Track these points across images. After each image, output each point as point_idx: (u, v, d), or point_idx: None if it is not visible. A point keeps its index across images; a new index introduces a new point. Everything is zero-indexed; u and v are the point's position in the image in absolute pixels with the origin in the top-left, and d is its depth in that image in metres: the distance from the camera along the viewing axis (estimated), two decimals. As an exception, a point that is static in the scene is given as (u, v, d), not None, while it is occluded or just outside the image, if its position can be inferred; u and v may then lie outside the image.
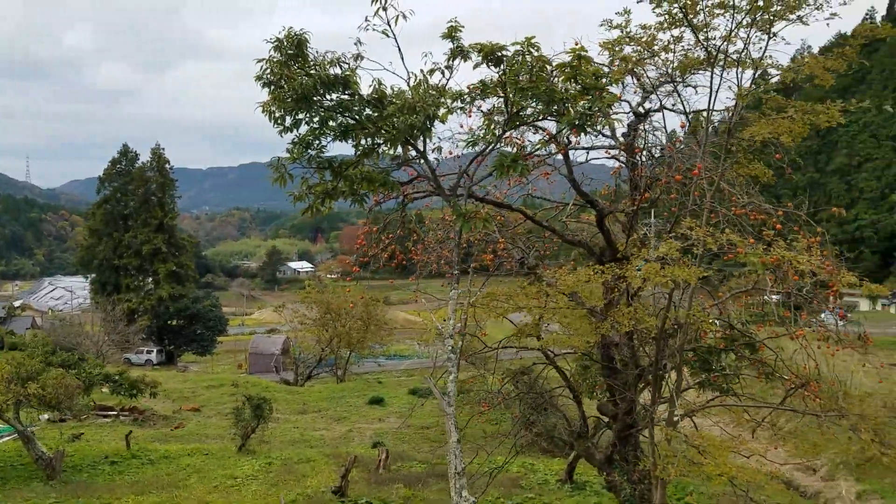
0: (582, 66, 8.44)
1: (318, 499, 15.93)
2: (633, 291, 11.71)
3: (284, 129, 10.23)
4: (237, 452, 21.59)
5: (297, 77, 9.58)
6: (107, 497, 15.64)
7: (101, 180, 68.37)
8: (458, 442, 8.89)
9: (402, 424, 30.80)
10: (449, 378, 9.13)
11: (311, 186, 10.72)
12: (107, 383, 19.86)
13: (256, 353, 53.77)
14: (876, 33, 9.87)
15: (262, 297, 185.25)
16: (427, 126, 9.75)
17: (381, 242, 14.04)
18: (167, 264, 65.30)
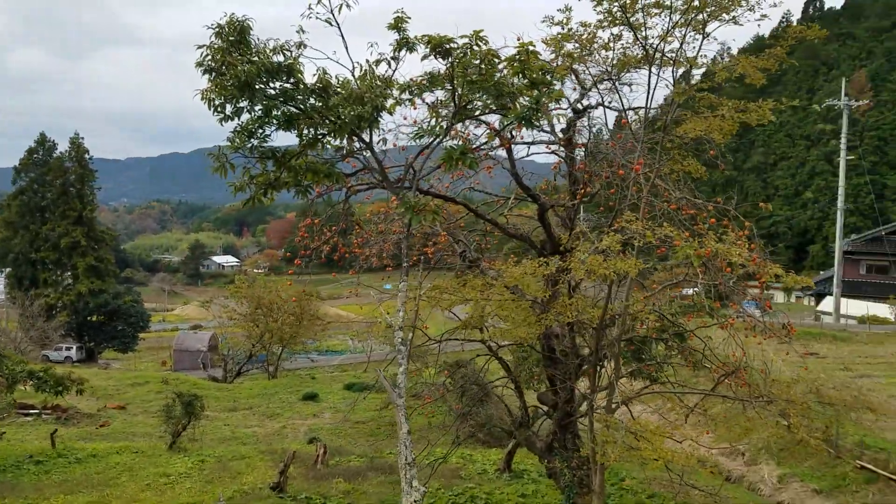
0: (530, 60, 8.60)
1: (255, 495, 15.69)
2: (575, 284, 12.04)
3: (225, 118, 10.04)
4: (168, 450, 21.00)
5: (239, 64, 9.41)
6: (34, 497, 14.98)
7: (17, 171, 65.06)
8: (408, 433, 8.96)
9: (341, 419, 30.64)
10: (399, 370, 9.17)
11: (253, 177, 10.56)
12: (31, 380, 18.97)
13: (181, 350, 52.27)
14: (806, 34, 10.41)
15: (184, 293, 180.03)
16: (375, 117, 9.75)
17: (322, 235, 13.96)
18: (86, 258, 62.73)
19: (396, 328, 9.35)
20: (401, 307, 9.50)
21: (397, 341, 9.31)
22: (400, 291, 9.61)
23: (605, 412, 11.70)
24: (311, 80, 9.98)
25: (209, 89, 9.72)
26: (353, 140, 11.13)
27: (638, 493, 16.23)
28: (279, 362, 42.43)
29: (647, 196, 11.09)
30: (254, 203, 10.92)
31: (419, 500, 8.61)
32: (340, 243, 13.96)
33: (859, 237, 63.17)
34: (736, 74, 10.78)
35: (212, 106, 9.83)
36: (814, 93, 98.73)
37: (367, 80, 9.78)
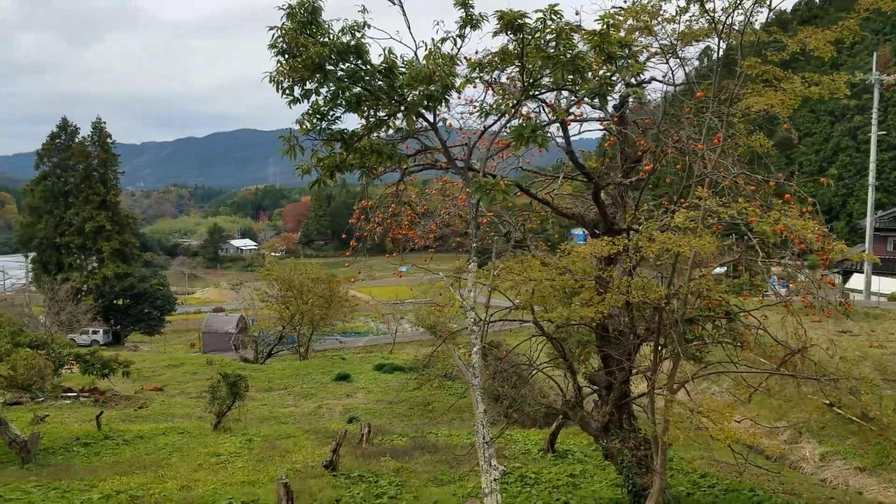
0: (609, 33, 8.44)
1: (309, 473, 15.81)
2: (636, 263, 11.92)
3: (293, 101, 10.00)
4: (213, 430, 21.23)
5: (312, 46, 9.34)
6: (90, 479, 15.17)
7: (40, 156, 65.47)
8: (484, 412, 8.94)
9: (376, 400, 30.84)
10: (472, 350, 9.14)
11: (320, 159, 10.53)
12: (77, 363, 19.18)
13: (210, 332, 52.76)
14: (880, 4, 10.17)
15: (204, 276, 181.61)
16: (444, 96, 9.66)
17: (375, 217, 13.91)
18: (111, 242, 63.26)
19: (469, 308, 9.31)
20: (472, 288, 9.45)
21: (469, 322, 9.27)
22: (469, 272, 9.55)
23: (666, 391, 11.64)
24: (376, 60, 9.92)
25: (279, 71, 9.68)
26: (415, 121, 11.09)
27: (689, 473, 16.20)
28: (309, 343, 42.76)
29: (711, 172, 10.92)
30: (319, 185, 10.90)
31: (498, 478, 8.62)
32: (393, 226, 13.92)
33: (886, 213, 62.27)
34: (811, 47, 10.54)
35: (279, 88, 9.78)
36: (837, 68, 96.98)
37: (434, 59, 9.68)
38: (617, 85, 9.07)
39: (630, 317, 12.46)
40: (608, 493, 14.64)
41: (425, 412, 29.23)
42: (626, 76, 9.04)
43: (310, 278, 39.93)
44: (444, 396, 31.01)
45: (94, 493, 14.12)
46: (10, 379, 16.49)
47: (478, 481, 15.77)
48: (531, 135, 9.27)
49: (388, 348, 50.82)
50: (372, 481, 15.47)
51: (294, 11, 9.48)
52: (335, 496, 14.35)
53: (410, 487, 15.24)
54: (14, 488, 14.42)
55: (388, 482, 15.45)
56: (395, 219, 13.69)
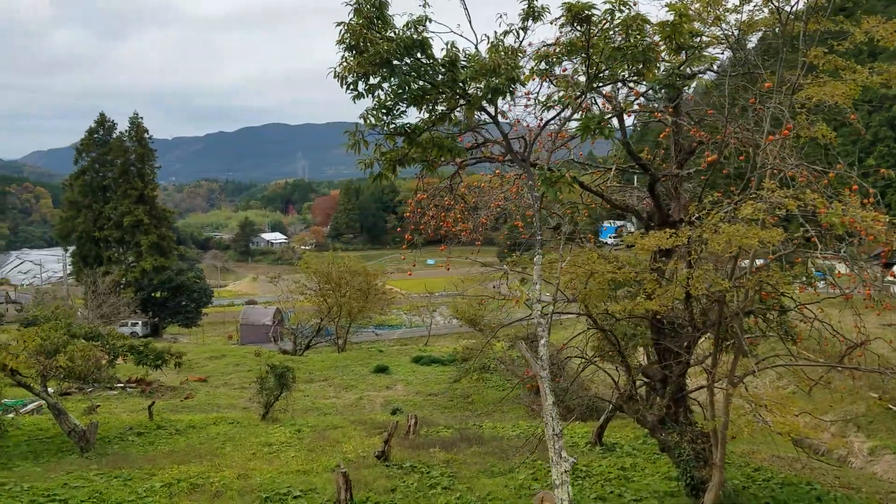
0: (682, 24, 8.40)
1: (361, 463, 16.02)
2: (697, 256, 11.84)
3: (358, 96, 10.11)
4: (262, 421, 21.57)
5: (380, 41, 9.43)
6: (149, 468, 15.53)
7: (79, 151, 66.74)
8: (553, 404, 8.99)
9: (415, 392, 31.03)
10: (540, 342, 9.17)
11: (383, 153, 10.64)
12: (131, 354, 19.62)
13: (247, 324, 53.51)
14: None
15: (235, 269, 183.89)
16: (510, 88, 9.69)
17: (429, 210, 13.98)
18: (149, 236, 64.34)
19: (535, 301, 9.35)
20: (536, 280, 9.50)
21: (536, 314, 9.32)
22: (535, 265, 9.59)
23: (728, 384, 11.56)
24: (438, 54, 9.97)
25: (344, 67, 9.79)
26: (475, 114, 11.15)
27: (742, 466, 16.09)
28: (347, 335, 43.13)
29: (774, 164, 10.80)
30: (381, 180, 11.01)
31: (568, 469, 8.66)
32: (446, 219, 13.97)
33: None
34: (878, 37, 10.35)
35: (344, 84, 9.91)
36: (875, 56, 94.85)
37: (497, 52, 9.72)
38: (687, 76, 8.99)
39: (689, 310, 12.39)
40: (662, 486, 14.61)
41: (466, 404, 29.35)
42: (696, 66, 8.95)
43: (348, 271, 40.31)
44: (483, 389, 31.13)
45: (154, 481, 14.46)
46: (68, 370, 16.89)
47: (528, 474, 15.88)
48: (597, 126, 9.28)
49: (423, 341, 51.09)
50: (424, 472, 15.62)
51: (361, 7, 9.58)
52: (390, 486, 14.52)
53: (462, 478, 15.35)
54: (77, 476, 14.83)
55: (439, 473, 15.58)
56: (448, 212, 13.73)
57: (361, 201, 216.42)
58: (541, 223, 16.53)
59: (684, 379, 13.37)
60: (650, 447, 18.52)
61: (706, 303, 12.55)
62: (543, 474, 15.74)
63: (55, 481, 14.42)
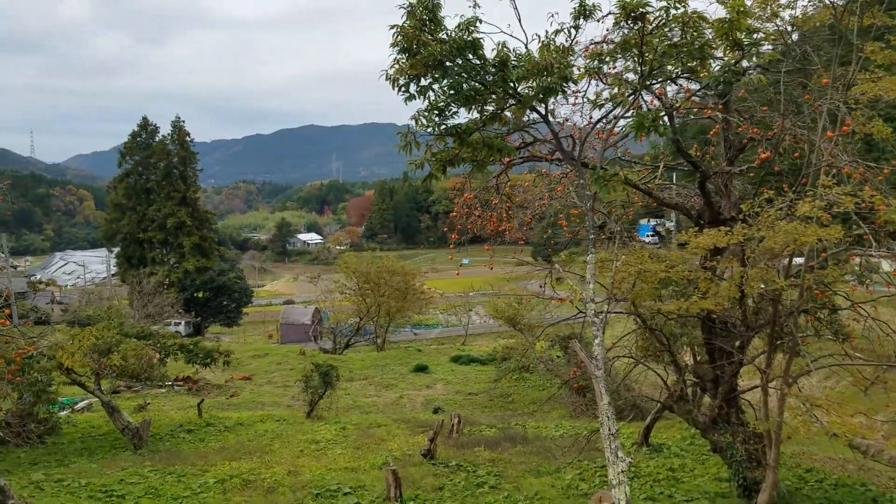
0: (740, 20, 8.31)
1: (408, 461, 16.13)
2: (752, 254, 11.69)
3: (409, 97, 10.21)
4: (306, 418, 21.85)
5: (433, 43, 9.51)
6: (201, 464, 15.86)
7: (122, 154, 68.26)
8: (608, 404, 8.96)
9: (455, 391, 31.11)
10: (595, 341, 9.16)
11: (434, 154, 10.72)
12: (182, 353, 20.05)
13: (287, 324, 54.21)
14: None
15: (273, 270, 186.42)
16: (562, 87, 9.68)
17: (475, 209, 14.02)
18: (192, 237, 65.53)
19: (588, 300, 9.33)
20: (590, 279, 9.47)
21: (590, 313, 9.29)
22: (588, 264, 9.57)
23: (782, 384, 11.39)
24: (489, 54, 10.02)
25: (397, 70, 9.91)
26: (525, 113, 11.18)
27: (793, 467, 15.81)
28: (386, 335, 43.42)
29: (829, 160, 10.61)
30: (431, 180, 11.10)
31: (625, 469, 8.63)
32: (494, 219, 13.99)
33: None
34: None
35: (396, 86, 10.02)
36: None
37: (549, 51, 9.72)
38: (742, 73, 8.89)
39: (742, 309, 12.22)
40: (712, 487, 14.43)
41: (506, 404, 29.32)
42: (751, 63, 8.84)
43: (386, 270, 40.59)
44: (523, 389, 31.08)
45: (207, 477, 14.76)
46: (121, 368, 17.32)
47: (574, 474, 15.82)
48: (652, 124, 9.22)
49: (460, 340, 51.15)
50: (470, 470, 15.67)
51: (414, 10, 9.68)
52: (437, 484, 14.60)
53: (509, 478, 15.36)
54: (132, 473, 15.21)
55: (486, 472, 15.61)
56: (494, 211, 13.77)
57: (395, 201, 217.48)
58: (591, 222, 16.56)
59: (736, 379, 13.19)
60: (698, 448, 18.31)
61: (759, 302, 12.38)
62: (590, 474, 15.68)
63: (111, 477, 14.81)
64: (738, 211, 13.54)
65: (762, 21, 10.82)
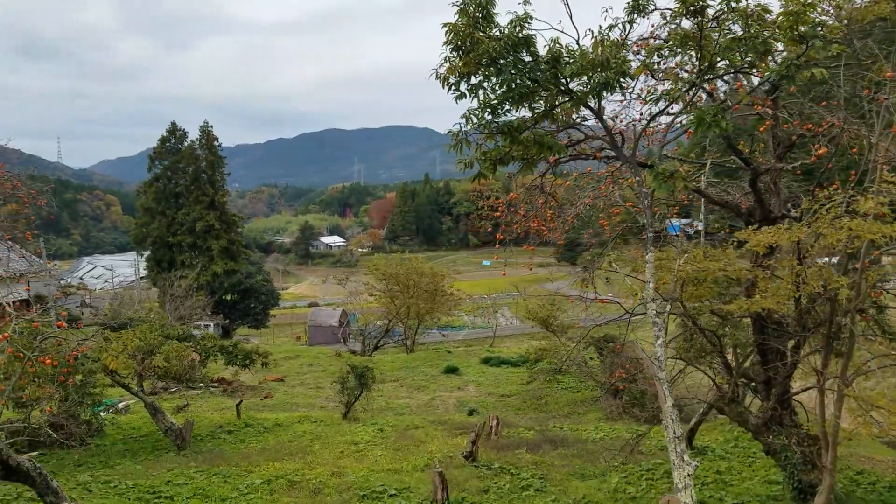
0: (805, 13, 8.13)
1: (450, 463, 16.04)
2: (804, 253, 11.46)
3: (460, 96, 10.14)
4: (343, 419, 21.86)
5: (487, 40, 9.43)
6: (245, 465, 15.92)
7: (152, 159, 68.95)
8: (672, 407, 8.80)
9: (486, 393, 30.97)
10: (657, 343, 9.00)
11: (485, 153, 10.64)
12: (222, 354, 20.16)
13: (315, 326, 54.42)
14: None
15: (296, 272, 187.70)
16: (620, 83, 9.56)
17: (519, 209, 13.90)
18: (220, 241, 66.00)
19: (648, 300, 9.18)
20: (650, 279, 9.32)
21: (651, 313, 9.14)
22: (647, 263, 9.42)
23: (840, 384, 11.13)
24: (541, 51, 9.92)
25: (448, 68, 9.85)
26: (576, 111, 11.07)
27: (843, 469, 15.48)
28: (415, 336, 43.42)
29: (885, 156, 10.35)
30: (481, 179, 11.01)
31: (691, 473, 8.47)
32: (538, 219, 13.87)
33: None
34: None
35: (446, 84, 9.95)
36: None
37: (604, 46, 9.59)
38: (802, 67, 8.68)
39: (798, 308, 11.98)
40: (763, 489, 14.18)
41: (539, 406, 29.11)
42: (818, 57, 8.64)
43: (416, 272, 40.59)
44: (556, 391, 30.85)
45: (253, 477, 14.80)
46: (164, 370, 17.44)
47: (620, 477, 15.63)
48: (713, 120, 9.05)
49: (488, 342, 50.97)
50: (514, 473, 15.55)
51: (466, 7, 9.61)
52: (482, 486, 14.50)
53: (553, 481, 15.22)
54: (178, 474, 15.29)
55: (529, 474, 15.48)
56: (539, 210, 13.64)
57: (417, 203, 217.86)
58: (632, 221, 16.40)
59: (790, 380, 12.95)
60: (742, 450, 18.03)
61: (815, 301, 12.13)
62: (636, 478, 15.49)
63: (158, 478, 14.90)
64: (787, 209, 13.35)
65: (829, 15, 10.61)
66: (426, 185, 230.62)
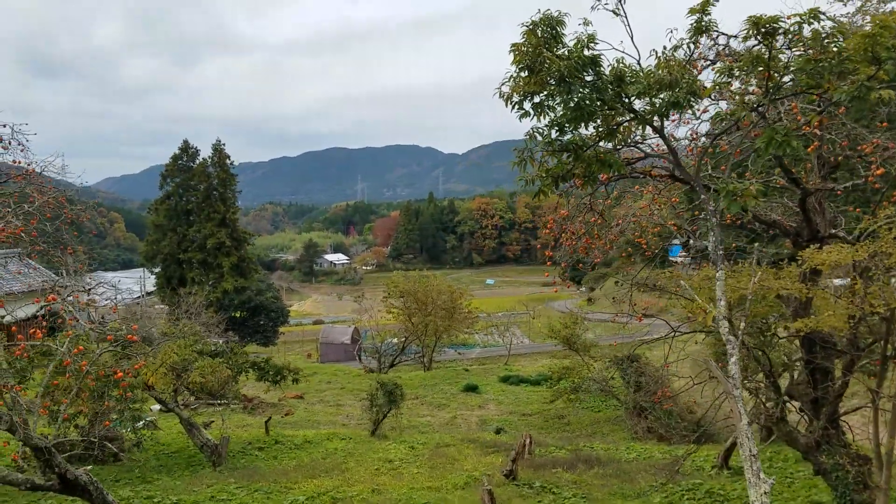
0: (883, 35, 8.23)
1: (490, 482, 15.93)
2: (861, 271, 11.50)
3: (524, 114, 10.26)
4: (371, 436, 21.78)
5: (557, 60, 9.56)
6: (284, 481, 15.83)
7: (164, 176, 69.34)
8: (748, 424, 8.79)
9: (507, 412, 30.87)
10: (730, 360, 8.99)
11: (548, 170, 10.72)
12: (253, 370, 20.14)
13: (327, 343, 54.37)
14: None
15: (300, 290, 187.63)
16: (689, 102, 9.66)
17: (568, 228, 13.97)
18: (230, 258, 66.19)
19: (721, 317, 9.19)
20: (720, 296, 9.34)
21: (724, 331, 9.15)
22: (717, 280, 9.45)
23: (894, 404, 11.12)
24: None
25: (513, 87, 9.98)
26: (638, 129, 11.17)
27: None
28: (433, 354, 43.35)
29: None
30: (541, 196, 11.09)
31: (768, 491, 8.44)
32: (587, 237, 13.92)
33: None
34: None
35: (510, 103, 10.08)
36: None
37: (671, 66, 9.71)
38: (873, 89, 8.77)
39: (853, 327, 11.99)
40: (809, 510, 14.10)
41: (562, 425, 29.01)
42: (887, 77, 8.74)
43: (434, 290, 40.63)
44: (577, 410, 30.74)
45: (296, 494, 14.73)
46: (201, 385, 17.42)
47: (662, 497, 15.54)
48: (784, 139, 9.14)
49: (502, 360, 50.85)
50: (555, 492, 15.46)
51: (535, 29, 9.75)
52: (527, 505, 14.43)
53: (595, 500, 15.13)
54: (220, 490, 15.21)
55: (571, 493, 15.39)
56: (588, 229, 13.70)
57: (421, 222, 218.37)
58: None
59: (840, 400, 12.93)
60: (779, 471, 17.91)
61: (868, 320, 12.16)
62: (678, 498, 15.39)
63: (200, 494, 14.82)
64: (833, 228, 13.42)
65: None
66: (430, 204, 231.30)
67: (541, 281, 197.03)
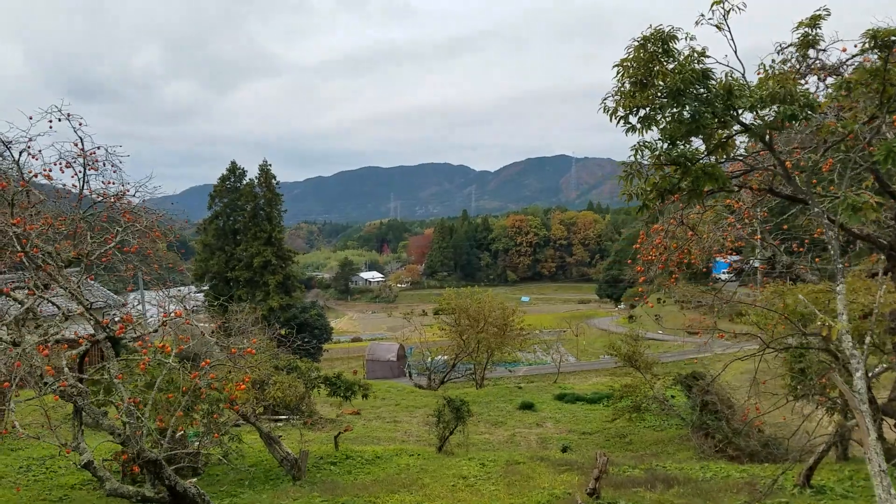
0: None
1: (570, 499, 15.86)
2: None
3: (630, 129, 10.32)
4: (438, 453, 21.77)
5: (670, 74, 9.62)
6: (366, 496, 15.90)
7: (212, 196, 70.81)
8: (877, 440, 8.66)
9: (566, 430, 30.61)
10: (856, 375, 8.88)
11: (654, 184, 10.74)
12: (325, 385, 20.35)
13: (373, 360, 54.64)
14: None
15: (336, 307, 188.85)
16: (807, 115, 9.64)
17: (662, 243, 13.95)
18: (276, 276, 67.12)
19: (843, 332, 9.08)
20: (842, 310, 9.25)
21: (847, 345, 9.05)
22: (839, 294, 9.35)
23: None
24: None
25: (619, 102, 10.07)
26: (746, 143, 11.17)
27: None
28: (485, 371, 43.30)
29: None
30: (644, 211, 11.12)
31: (901, 507, 8.29)
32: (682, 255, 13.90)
33: None
34: None
35: (614, 117, 10.16)
36: None
37: (782, 79, 9.70)
38: None
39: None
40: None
41: (623, 444, 28.66)
42: None
43: (487, 306, 40.66)
44: (638, 429, 30.36)
45: (383, 509, 14.78)
46: (280, 400, 17.65)
47: (750, 515, 15.25)
48: (904, 152, 9.05)
49: (550, 378, 50.52)
50: (643, 510, 15.28)
51: (646, 43, 9.85)
52: (616, 523, 14.28)
53: (682, 519, 14.92)
54: (306, 503, 15.35)
55: (659, 512, 15.21)
56: (681, 244, 13.68)
57: (455, 239, 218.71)
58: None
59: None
60: (860, 489, 17.47)
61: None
62: (767, 517, 15.11)
63: (289, 507, 14.98)
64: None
65: None
66: (464, 221, 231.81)
67: (577, 298, 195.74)
